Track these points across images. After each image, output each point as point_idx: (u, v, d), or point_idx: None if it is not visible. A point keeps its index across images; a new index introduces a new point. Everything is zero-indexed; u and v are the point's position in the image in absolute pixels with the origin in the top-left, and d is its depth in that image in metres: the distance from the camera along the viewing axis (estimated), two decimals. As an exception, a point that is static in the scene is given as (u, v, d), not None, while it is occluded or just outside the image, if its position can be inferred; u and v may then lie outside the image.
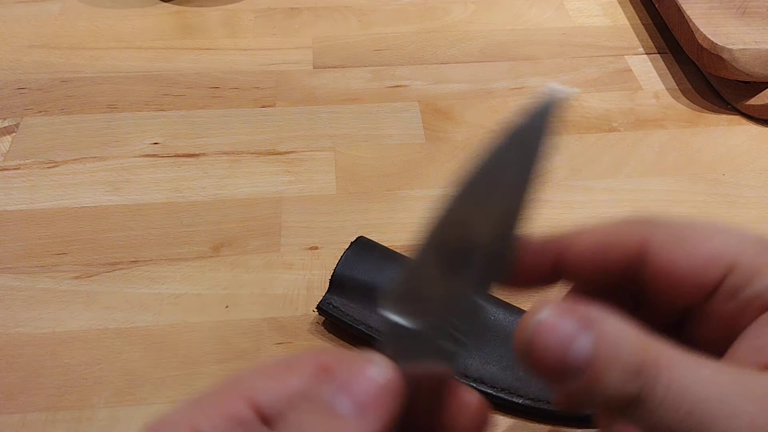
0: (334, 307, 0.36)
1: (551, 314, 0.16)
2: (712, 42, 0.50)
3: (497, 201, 0.19)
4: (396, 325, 0.18)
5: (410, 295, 0.19)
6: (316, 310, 0.37)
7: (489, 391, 0.34)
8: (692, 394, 0.15)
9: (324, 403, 0.17)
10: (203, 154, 0.48)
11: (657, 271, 0.19)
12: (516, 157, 0.19)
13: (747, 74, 0.49)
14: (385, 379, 0.17)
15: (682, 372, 0.16)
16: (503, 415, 0.34)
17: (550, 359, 0.16)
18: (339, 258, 0.37)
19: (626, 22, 0.61)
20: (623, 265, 0.20)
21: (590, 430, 0.34)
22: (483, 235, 0.18)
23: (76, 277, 0.40)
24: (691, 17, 0.52)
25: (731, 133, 0.50)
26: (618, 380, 0.15)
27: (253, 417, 0.17)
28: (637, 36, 0.60)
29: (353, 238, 0.38)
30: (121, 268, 0.40)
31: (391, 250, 0.38)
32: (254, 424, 0.17)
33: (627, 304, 0.21)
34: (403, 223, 0.43)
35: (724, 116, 0.52)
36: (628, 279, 0.20)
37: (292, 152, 0.48)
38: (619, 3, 0.64)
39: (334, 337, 0.37)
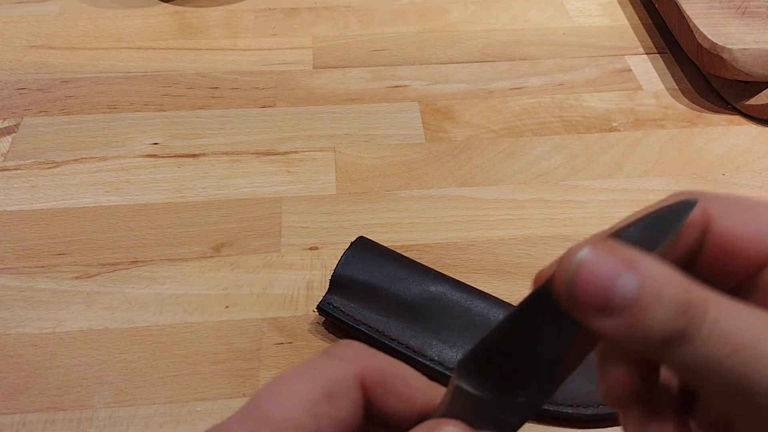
0: (334, 307, 0.36)
1: (594, 252, 0.16)
2: (712, 42, 0.50)
3: None
4: (466, 392, 0.18)
5: (489, 367, 0.18)
6: (316, 310, 0.37)
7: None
8: (740, 331, 0.15)
9: None
10: (203, 154, 0.48)
11: (716, 240, 0.19)
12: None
13: (747, 74, 0.49)
14: None
15: (730, 311, 0.16)
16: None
17: (594, 296, 0.16)
18: (339, 258, 0.37)
19: (626, 22, 0.61)
20: (689, 237, 0.19)
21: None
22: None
23: (76, 278, 0.40)
24: (691, 17, 0.52)
25: (731, 133, 0.50)
26: (663, 317, 0.15)
27: None
28: (637, 36, 0.60)
29: (353, 238, 0.38)
30: (121, 268, 0.40)
31: (391, 250, 0.38)
32: None
33: None
34: (403, 223, 0.43)
35: (723, 116, 0.52)
36: (686, 251, 0.19)
37: (292, 152, 0.48)
38: (619, 3, 0.64)
39: (334, 337, 0.37)
